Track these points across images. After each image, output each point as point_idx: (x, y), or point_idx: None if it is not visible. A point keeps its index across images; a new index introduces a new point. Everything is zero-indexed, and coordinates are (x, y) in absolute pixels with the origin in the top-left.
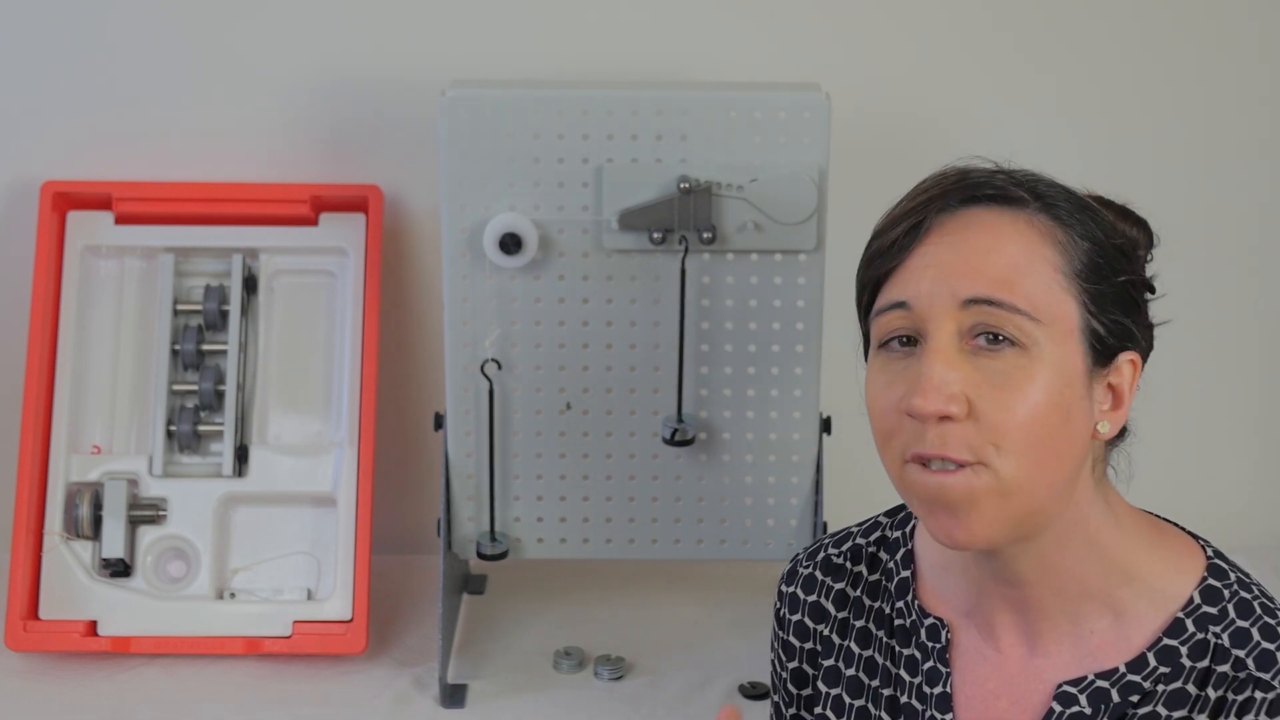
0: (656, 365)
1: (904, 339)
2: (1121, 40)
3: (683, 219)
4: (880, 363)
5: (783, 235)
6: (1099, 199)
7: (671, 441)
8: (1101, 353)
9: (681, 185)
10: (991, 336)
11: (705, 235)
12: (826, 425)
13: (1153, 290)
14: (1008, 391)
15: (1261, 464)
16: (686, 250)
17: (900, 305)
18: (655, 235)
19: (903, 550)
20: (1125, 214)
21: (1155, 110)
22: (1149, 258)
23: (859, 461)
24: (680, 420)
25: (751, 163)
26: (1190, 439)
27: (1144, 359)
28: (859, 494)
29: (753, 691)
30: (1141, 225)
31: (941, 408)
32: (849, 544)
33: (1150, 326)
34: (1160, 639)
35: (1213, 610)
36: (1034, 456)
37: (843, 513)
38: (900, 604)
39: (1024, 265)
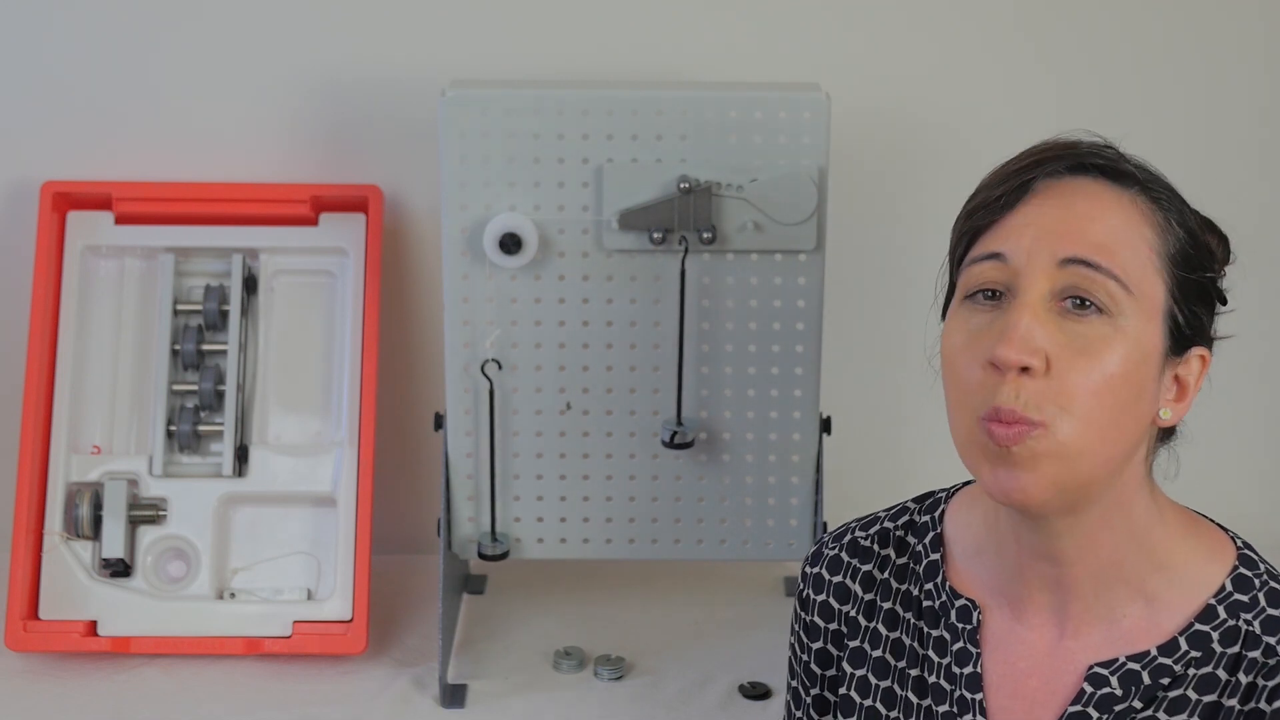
0: (656, 365)
1: (990, 293)
2: (1124, 39)
3: (683, 219)
4: (963, 315)
5: (783, 235)
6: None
7: (671, 444)
8: (1177, 341)
9: (681, 185)
10: (1079, 301)
11: (705, 235)
12: (826, 425)
13: (1224, 301)
14: (1087, 357)
15: (1264, 464)
16: (686, 250)
17: (996, 256)
18: (655, 235)
19: (931, 534)
20: (1208, 225)
21: (1158, 109)
22: (1223, 273)
23: (859, 461)
24: (680, 423)
25: (751, 163)
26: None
27: None
28: (859, 494)
29: (752, 691)
30: (1222, 240)
31: (1024, 358)
32: (876, 527)
33: (1213, 337)
34: (1192, 624)
35: (1244, 598)
36: (1097, 425)
37: (843, 513)
38: (929, 586)
39: (1123, 237)
